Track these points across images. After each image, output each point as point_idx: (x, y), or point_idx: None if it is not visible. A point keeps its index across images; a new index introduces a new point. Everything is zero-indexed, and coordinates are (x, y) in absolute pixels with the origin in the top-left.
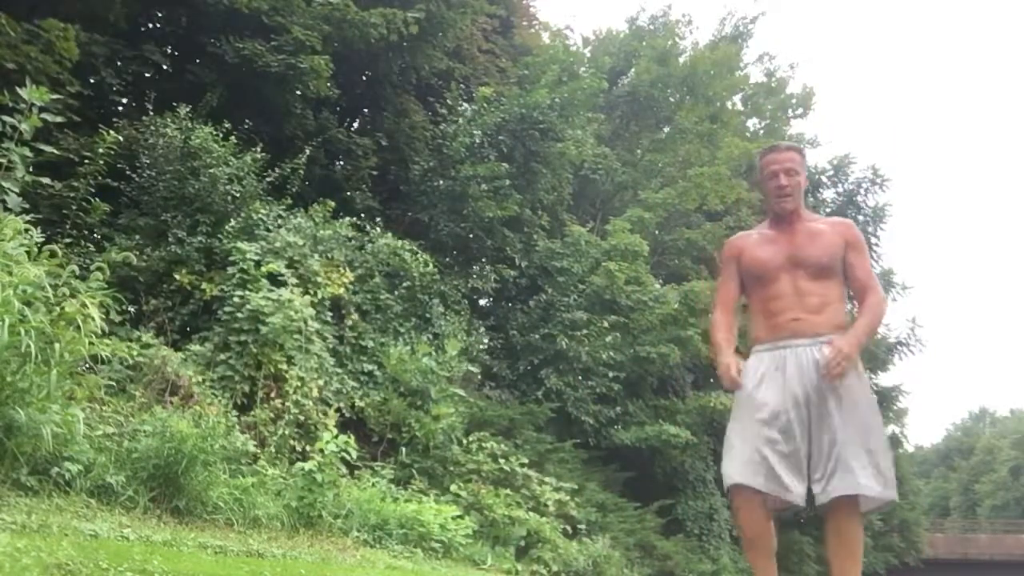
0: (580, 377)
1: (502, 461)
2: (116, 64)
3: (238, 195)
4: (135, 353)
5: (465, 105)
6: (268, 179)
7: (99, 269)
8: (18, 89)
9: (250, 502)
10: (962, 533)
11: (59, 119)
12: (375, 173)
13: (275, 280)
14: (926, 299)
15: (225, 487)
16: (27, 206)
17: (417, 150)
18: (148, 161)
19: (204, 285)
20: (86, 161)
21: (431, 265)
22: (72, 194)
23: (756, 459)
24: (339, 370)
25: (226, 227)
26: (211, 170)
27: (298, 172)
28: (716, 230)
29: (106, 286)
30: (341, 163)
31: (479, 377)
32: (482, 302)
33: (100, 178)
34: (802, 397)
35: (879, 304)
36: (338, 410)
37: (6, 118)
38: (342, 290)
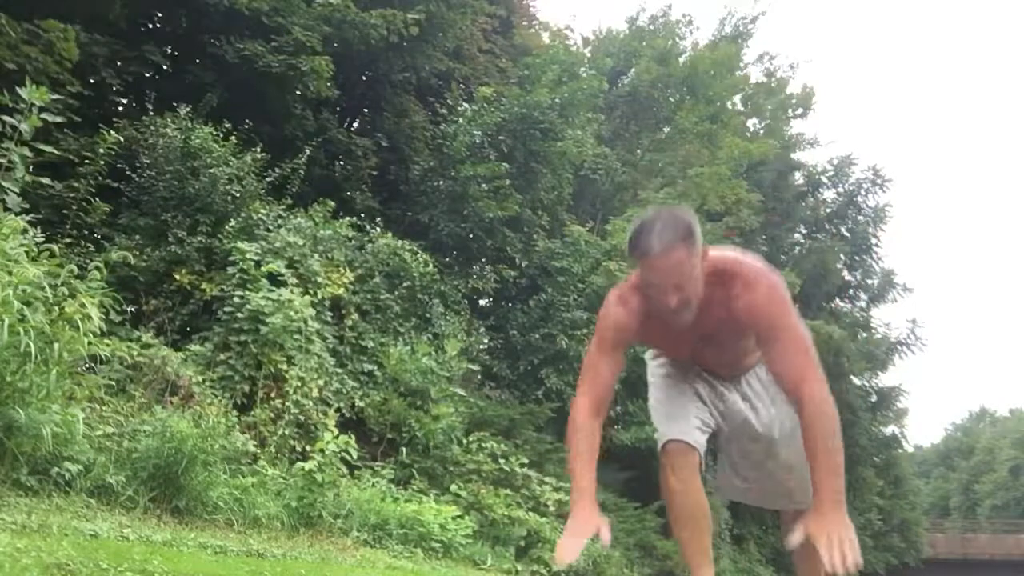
0: None
1: (502, 461)
2: (116, 64)
3: (238, 195)
4: (135, 353)
5: (465, 105)
6: (268, 179)
7: (96, 269)
8: (18, 89)
9: (250, 502)
10: (962, 533)
11: (59, 119)
12: (375, 173)
13: (275, 280)
14: (926, 299)
15: (225, 487)
16: (27, 206)
17: (417, 150)
18: (148, 161)
19: (204, 285)
20: (86, 161)
21: (431, 265)
22: (72, 194)
23: (689, 417)
24: (339, 370)
25: (226, 227)
26: (211, 170)
27: (298, 172)
28: (716, 230)
29: (105, 286)
30: (341, 163)
31: (479, 377)
32: (482, 302)
33: (100, 178)
34: (725, 422)
35: (823, 413)
36: (338, 410)
37: (6, 118)
38: (342, 290)
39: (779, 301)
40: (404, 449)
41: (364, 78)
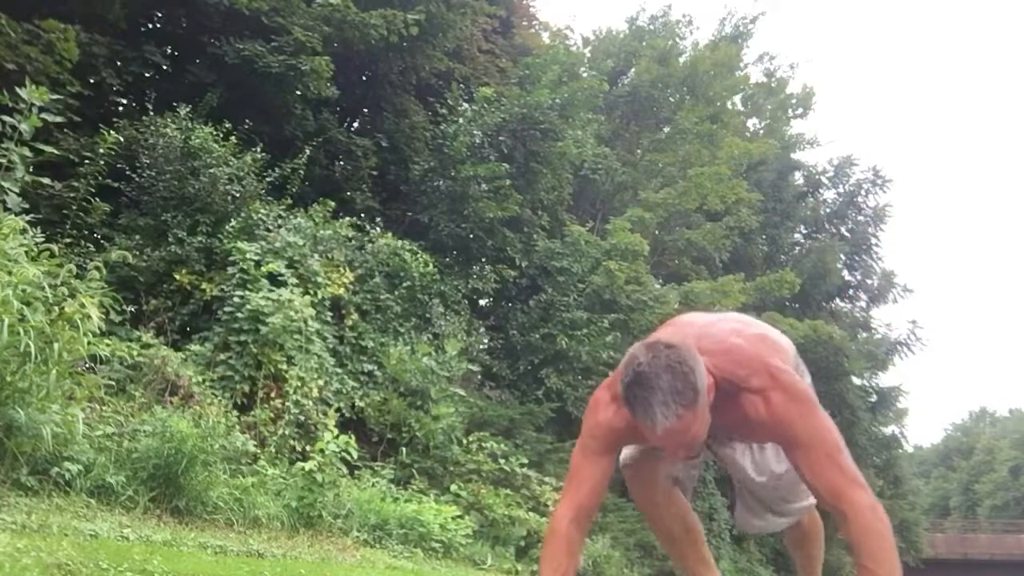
0: (580, 377)
1: (502, 461)
2: (116, 64)
3: (238, 195)
4: (135, 353)
5: (465, 105)
6: (268, 179)
7: (96, 268)
8: (17, 89)
9: (250, 502)
10: (962, 533)
11: (59, 119)
12: (375, 173)
13: (275, 280)
14: (926, 299)
15: (225, 487)
16: (27, 206)
17: (417, 150)
18: (148, 161)
19: (204, 285)
20: (86, 161)
21: (431, 265)
22: (72, 194)
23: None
24: (339, 370)
25: (226, 227)
26: (211, 170)
27: (298, 172)
28: (716, 230)
29: (105, 286)
30: (341, 163)
31: (479, 377)
32: (482, 302)
33: (100, 178)
34: (728, 468)
35: (872, 531)
36: (338, 410)
37: (6, 118)
38: (342, 290)
39: (799, 404)
40: (404, 449)
41: (364, 78)
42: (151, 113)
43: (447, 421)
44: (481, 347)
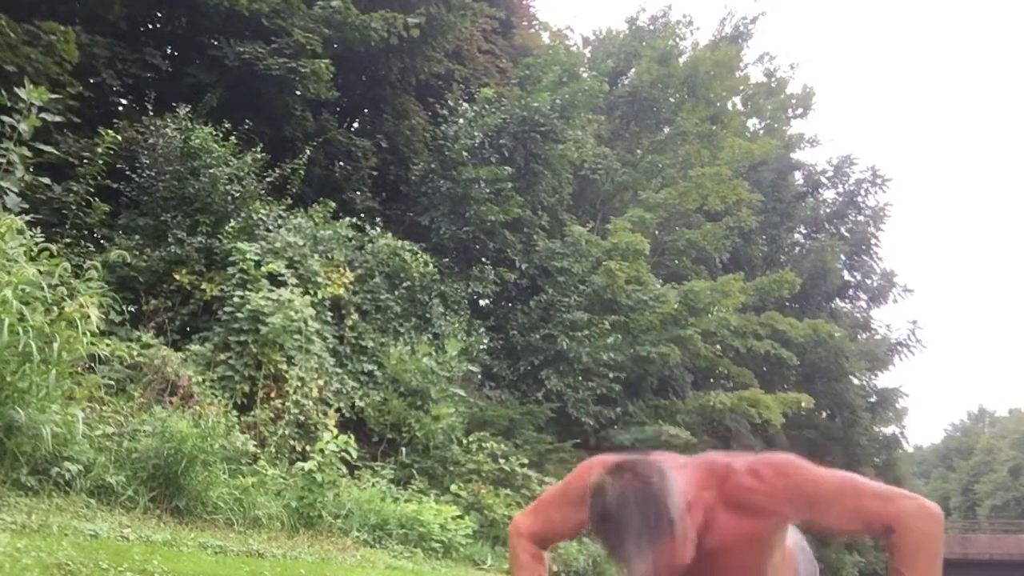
0: (580, 378)
1: (502, 461)
2: (116, 65)
3: (238, 195)
4: (135, 353)
5: (466, 106)
6: (268, 179)
7: (94, 268)
8: (16, 89)
9: (250, 502)
10: (962, 533)
11: (58, 119)
12: (375, 174)
13: (275, 280)
14: (926, 299)
15: (225, 487)
16: (26, 206)
17: (417, 151)
18: (148, 161)
19: (204, 285)
20: (85, 162)
21: (431, 265)
22: (71, 196)
23: None
24: (339, 370)
25: (226, 227)
26: (211, 170)
27: (298, 172)
28: (716, 230)
29: (104, 285)
30: (341, 164)
31: (479, 377)
32: (482, 302)
33: (100, 179)
34: None
35: (915, 532)
36: (338, 410)
37: (5, 118)
38: (342, 290)
39: (789, 465)
40: (404, 449)
41: (364, 79)
42: (151, 114)
43: (447, 421)
44: (481, 347)
